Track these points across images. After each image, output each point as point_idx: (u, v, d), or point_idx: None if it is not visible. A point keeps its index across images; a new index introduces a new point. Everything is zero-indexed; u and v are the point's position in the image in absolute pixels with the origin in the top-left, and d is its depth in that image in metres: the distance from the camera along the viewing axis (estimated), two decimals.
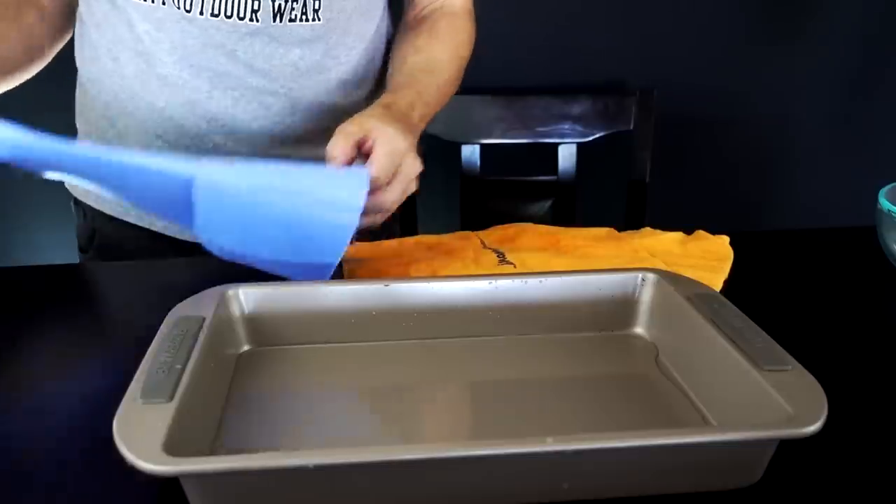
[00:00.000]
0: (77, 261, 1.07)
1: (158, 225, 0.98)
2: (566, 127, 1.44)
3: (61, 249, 1.53)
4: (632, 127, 1.43)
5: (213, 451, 0.55)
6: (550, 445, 0.48)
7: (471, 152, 1.43)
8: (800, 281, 0.84)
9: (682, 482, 0.52)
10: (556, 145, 1.44)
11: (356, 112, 0.83)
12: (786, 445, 0.52)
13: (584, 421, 0.59)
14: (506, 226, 0.91)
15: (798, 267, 0.89)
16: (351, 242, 0.70)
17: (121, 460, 0.46)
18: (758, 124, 1.68)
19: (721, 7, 1.58)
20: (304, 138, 0.96)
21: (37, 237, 1.64)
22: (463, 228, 0.94)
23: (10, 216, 1.63)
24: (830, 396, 0.52)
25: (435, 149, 1.06)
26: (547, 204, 1.47)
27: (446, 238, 0.89)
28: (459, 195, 1.45)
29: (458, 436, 0.58)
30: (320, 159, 0.97)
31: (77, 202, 1.05)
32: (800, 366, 0.55)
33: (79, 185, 0.91)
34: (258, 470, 0.47)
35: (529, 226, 0.91)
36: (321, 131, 0.94)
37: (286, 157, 0.95)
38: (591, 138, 1.43)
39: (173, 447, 0.47)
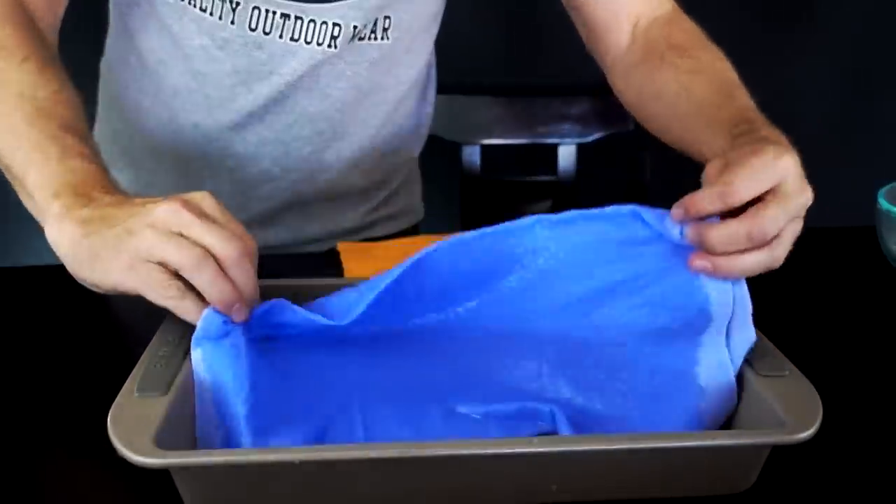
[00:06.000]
0: None
1: None
2: (566, 127, 1.44)
3: None
4: (632, 127, 1.43)
5: None
6: (536, 447, 0.48)
7: (471, 152, 1.43)
8: (799, 281, 0.84)
9: (673, 486, 0.51)
10: (556, 145, 1.43)
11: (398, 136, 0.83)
12: (780, 451, 0.51)
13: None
14: None
15: (797, 267, 0.88)
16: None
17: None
18: None
19: (721, 7, 1.58)
20: (350, 161, 0.94)
21: (37, 237, 1.63)
22: (463, 228, 0.94)
23: (11, 216, 1.63)
24: (826, 399, 0.51)
25: (435, 149, 1.07)
26: (547, 204, 1.47)
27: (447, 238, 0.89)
28: (460, 195, 1.45)
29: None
30: (360, 187, 0.95)
31: None
32: (797, 371, 0.54)
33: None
34: (245, 464, 0.47)
35: None
36: (363, 152, 0.94)
37: (331, 180, 0.94)
38: (591, 138, 1.43)
39: (165, 440, 0.47)
